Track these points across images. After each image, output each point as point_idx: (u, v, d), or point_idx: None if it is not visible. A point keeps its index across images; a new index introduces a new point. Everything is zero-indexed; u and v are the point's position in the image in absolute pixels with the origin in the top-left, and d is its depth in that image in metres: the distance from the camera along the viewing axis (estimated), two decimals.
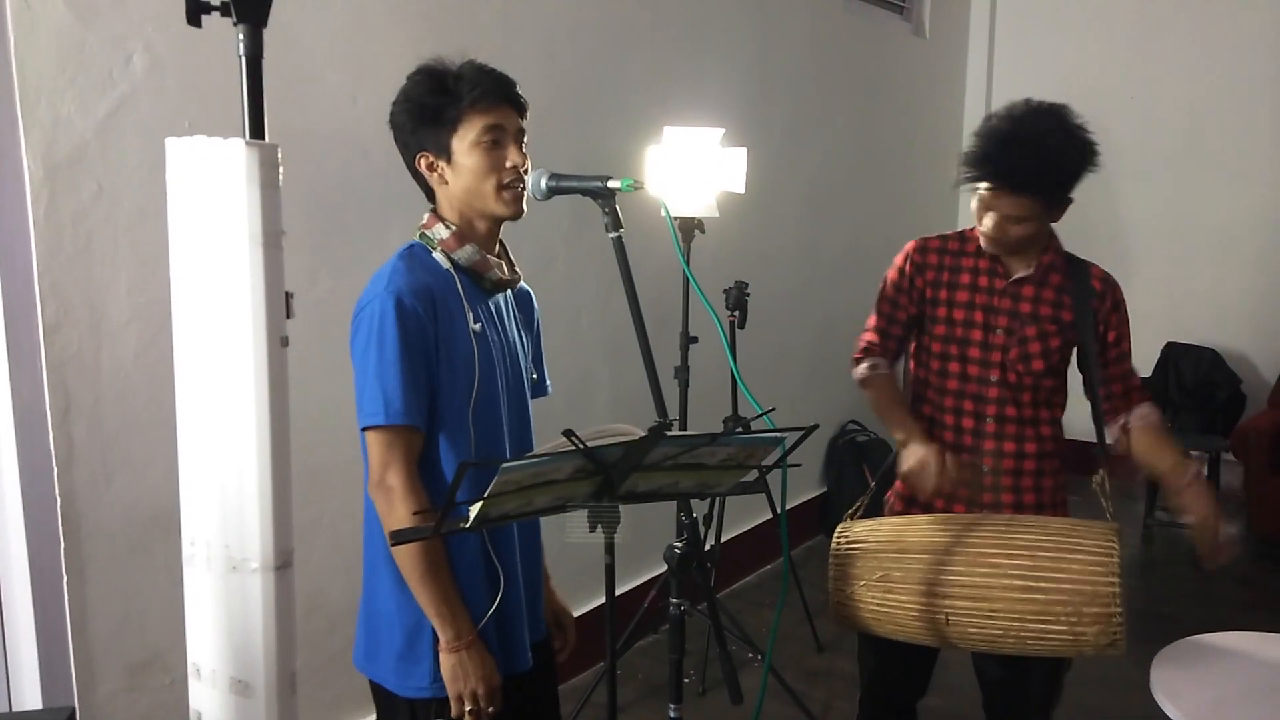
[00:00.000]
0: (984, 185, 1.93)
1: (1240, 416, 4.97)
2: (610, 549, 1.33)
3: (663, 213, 1.57)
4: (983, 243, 2.01)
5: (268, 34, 1.62)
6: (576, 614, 2.00)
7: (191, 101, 2.17)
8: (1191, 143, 5.28)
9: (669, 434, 1.19)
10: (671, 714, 1.71)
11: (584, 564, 2.74)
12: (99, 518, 2.11)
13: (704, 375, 3.22)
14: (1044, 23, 5.65)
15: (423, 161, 1.64)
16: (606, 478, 1.27)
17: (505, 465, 1.13)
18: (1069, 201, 1.96)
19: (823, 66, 4.46)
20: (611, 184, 1.53)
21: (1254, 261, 5.27)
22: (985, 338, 2.02)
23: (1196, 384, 5.03)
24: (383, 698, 1.71)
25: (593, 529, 1.33)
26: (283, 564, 0.97)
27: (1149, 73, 5.34)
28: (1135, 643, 1.96)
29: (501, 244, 1.74)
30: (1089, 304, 1.98)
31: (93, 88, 2.03)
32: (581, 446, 1.15)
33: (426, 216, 1.68)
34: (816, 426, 1.28)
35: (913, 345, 2.15)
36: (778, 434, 1.31)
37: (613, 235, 1.54)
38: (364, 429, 1.57)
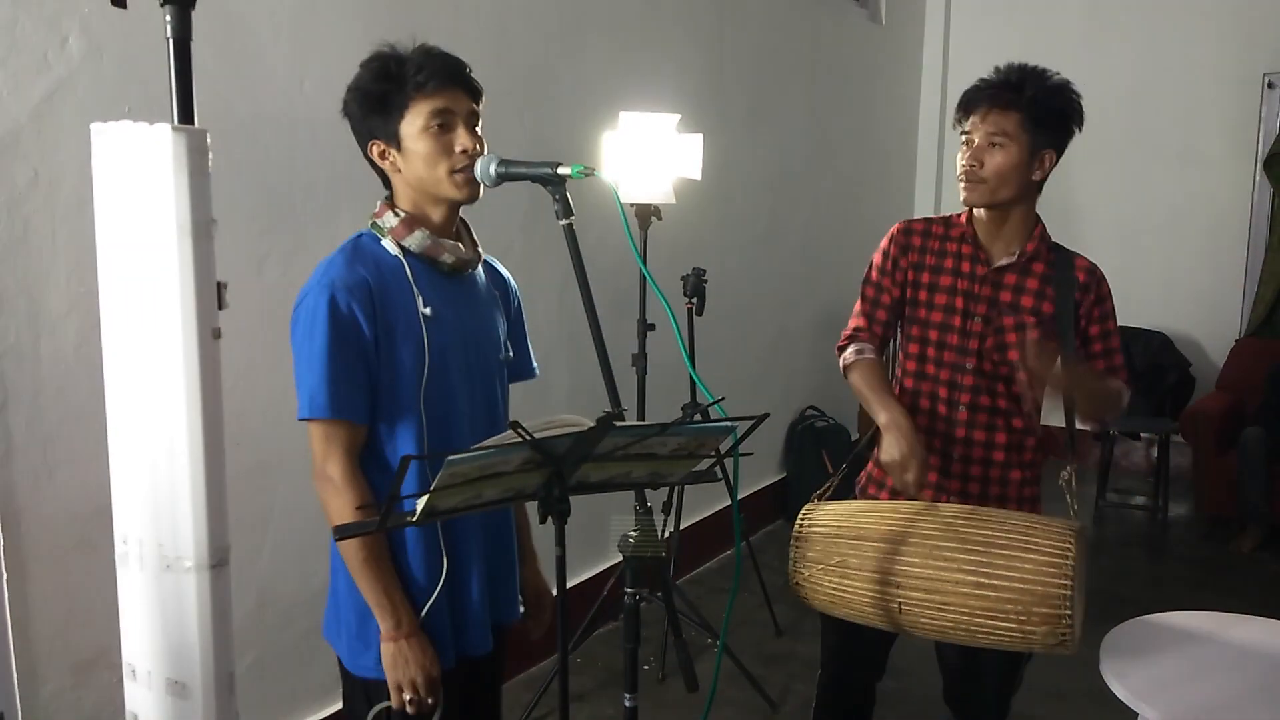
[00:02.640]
0: (966, 116, 1.94)
1: (1189, 399, 5.07)
2: (561, 540, 1.32)
3: (616, 200, 1.55)
4: (962, 195, 1.96)
5: (210, 16, 1.56)
6: None
7: (130, 85, 2.10)
8: (1141, 128, 5.35)
9: (618, 424, 1.18)
10: (626, 703, 1.70)
11: (544, 552, 2.73)
12: (40, 512, 2.05)
13: (662, 363, 3.21)
14: (998, 10, 5.70)
15: (374, 149, 1.63)
16: (556, 469, 1.26)
17: (451, 458, 1.11)
18: (1050, 147, 1.93)
19: (780, 53, 4.45)
20: (561, 170, 1.51)
21: (1202, 246, 5.37)
22: (964, 324, 1.99)
23: (1146, 367, 5.11)
24: (343, 670, 1.73)
25: (542, 520, 1.31)
26: (218, 562, 0.94)
27: (1099, 59, 5.39)
28: (1086, 622, 1.99)
29: (463, 222, 1.74)
30: (1071, 296, 1.96)
31: (26, 70, 1.96)
32: (529, 438, 1.13)
33: (379, 205, 1.66)
34: (767, 415, 1.28)
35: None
36: (728, 423, 1.30)
37: (563, 223, 1.51)
38: (300, 419, 1.57)
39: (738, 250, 4.27)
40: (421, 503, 1.20)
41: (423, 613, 1.61)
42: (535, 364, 1.90)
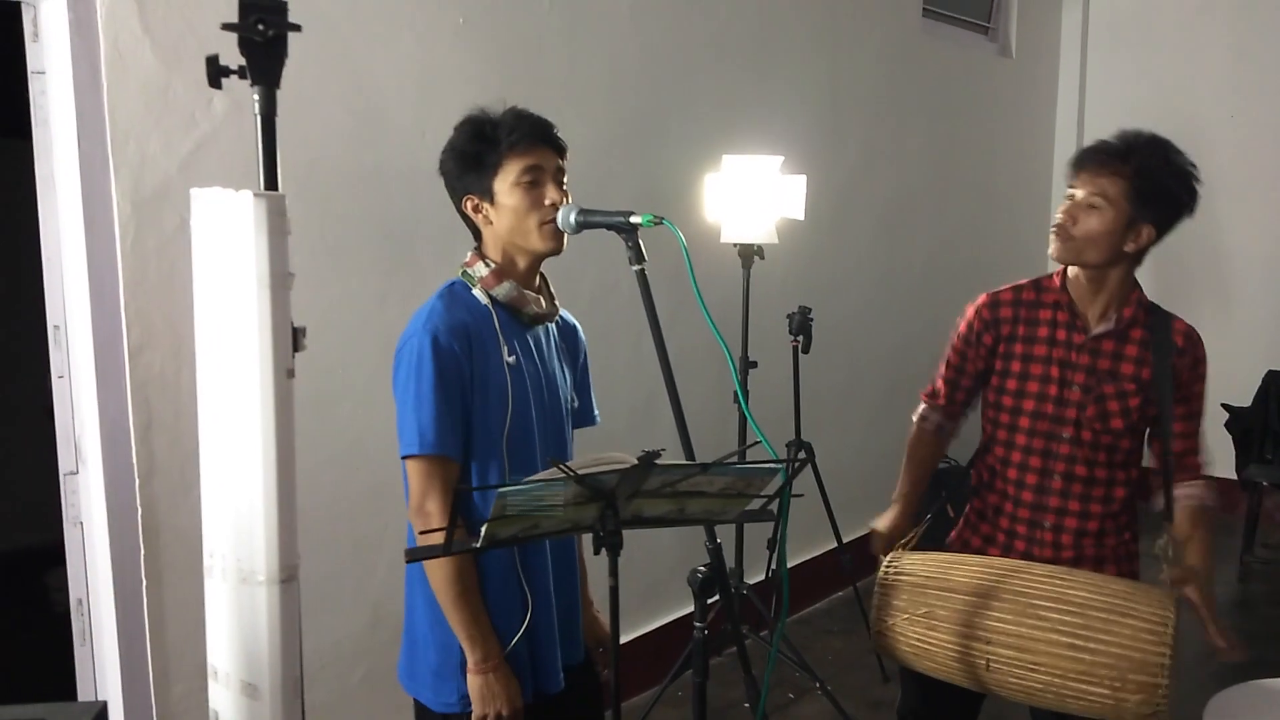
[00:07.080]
0: (1075, 173, 1.90)
1: None
2: (614, 572, 1.38)
3: (680, 245, 1.61)
4: (1051, 248, 1.93)
5: (342, 76, 1.70)
6: (636, 635, 2.03)
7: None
8: None
9: (658, 463, 1.24)
10: None
11: (645, 586, 2.79)
12: (177, 526, 2.26)
13: (766, 399, 3.24)
14: (1138, 39, 5.48)
15: (469, 204, 1.75)
16: (609, 503, 1.33)
17: (502, 490, 1.20)
18: (1150, 222, 1.86)
19: (900, 89, 4.43)
20: (634, 219, 1.59)
21: None
22: (1060, 394, 1.95)
23: None
24: (420, 712, 1.80)
25: (596, 551, 1.38)
26: (287, 577, 1.05)
27: (1247, 91, 5.12)
28: (1218, 686, 1.92)
29: (543, 277, 1.83)
30: (1169, 360, 1.90)
31: (177, 128, 2.20)
32: (571, 474, 1.21)
33: (469, 255, 1.78)
34: (810, 460, 1.31)
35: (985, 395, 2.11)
36: (772, 465, 1.34)
37: (635, 268, 1.60)
38: (403, 458, 1.67)
39: (852, 288, 4.26)
40: (483, 530, 1.29)
41: (508, 648, 1.69)
42: (596, 412, 1.97)
